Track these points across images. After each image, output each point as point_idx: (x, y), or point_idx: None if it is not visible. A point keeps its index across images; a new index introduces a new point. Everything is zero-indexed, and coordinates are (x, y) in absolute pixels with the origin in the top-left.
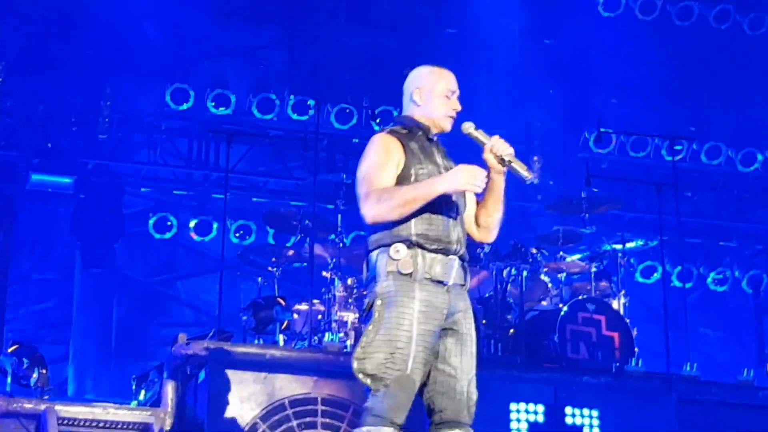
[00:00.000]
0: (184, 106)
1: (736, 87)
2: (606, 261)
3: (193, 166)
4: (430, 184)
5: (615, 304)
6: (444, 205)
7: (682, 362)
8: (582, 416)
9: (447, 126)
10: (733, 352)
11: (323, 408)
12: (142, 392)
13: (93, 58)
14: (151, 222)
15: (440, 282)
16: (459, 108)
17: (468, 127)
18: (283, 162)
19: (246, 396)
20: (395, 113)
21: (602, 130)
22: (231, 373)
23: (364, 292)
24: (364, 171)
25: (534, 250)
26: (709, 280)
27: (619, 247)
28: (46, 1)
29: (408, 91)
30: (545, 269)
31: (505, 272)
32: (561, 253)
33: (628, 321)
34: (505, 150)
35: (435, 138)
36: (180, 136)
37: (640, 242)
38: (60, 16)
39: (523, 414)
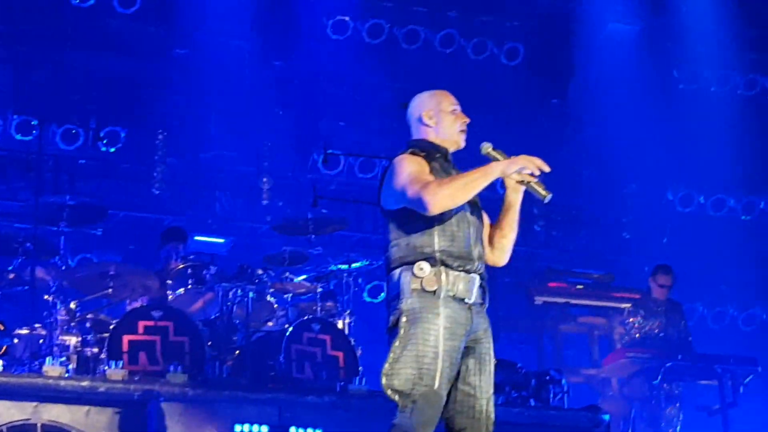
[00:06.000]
0: None
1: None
2: (333, 281)
3: None
4: (488, 166)
5: (340, 324)
6: (465, 222)
7: None
8: None
9: (462, 141)
10: None
11: None
12: None
13: None
14: None
15: (462, 300)
16: (467, 120)
17: (487, 147)
18: (7, 183)
19: None
20: (123, 134)
21: (330, 152)
22: None
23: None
24: (405, 177)
25: (260, 271)
26: None
27: (345, 267)
28: None
29: (415, 117)
30: (272, 290)
31: (231, 293)
32: (287, 273)
33: (352, 341)
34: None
35: (451, 158)
36: None
37: (366, 262)
38: None
39: None
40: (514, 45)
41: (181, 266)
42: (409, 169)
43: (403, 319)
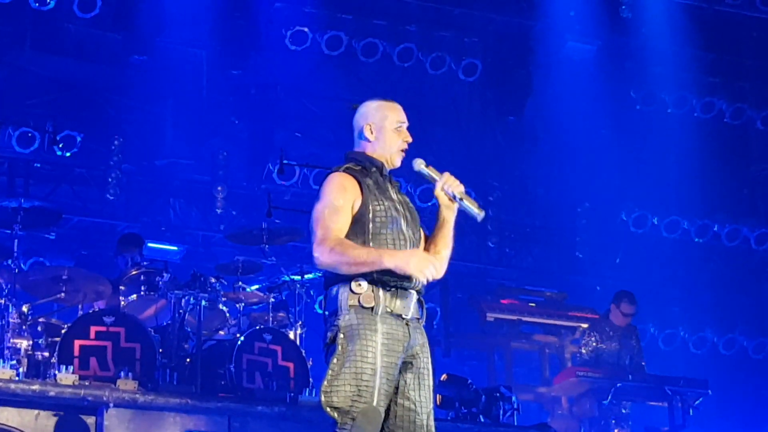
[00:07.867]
0: None
1: (419, 123)
2: (285, 292)
3: None
4: (382, 255)
5: (291, 335)
6: (402, 239)
7: None
8: None
9: (397, 161)
10: None
11: None
12: None
13: None
14: None
15: (399, 316)
16: (410, 140)
17: (419, 164)
18: None
19: None
20: (79, 139)
21: (285, 162)
22: None
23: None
24: (319, 211)
25: (213, 280)
26: None
27: (298, 278)
28: None
29: (357, 127)
30: (224, 299)
31: (183, 301)
32: (240, 283)
33: (303, 352)
34: (457, 187)
35: (387, 173)
36: None
37: (318, 274)
38: None
39: None
40: (472, 61)
41: (134, 272)
42: (327, 200)
43: (341, 335)
